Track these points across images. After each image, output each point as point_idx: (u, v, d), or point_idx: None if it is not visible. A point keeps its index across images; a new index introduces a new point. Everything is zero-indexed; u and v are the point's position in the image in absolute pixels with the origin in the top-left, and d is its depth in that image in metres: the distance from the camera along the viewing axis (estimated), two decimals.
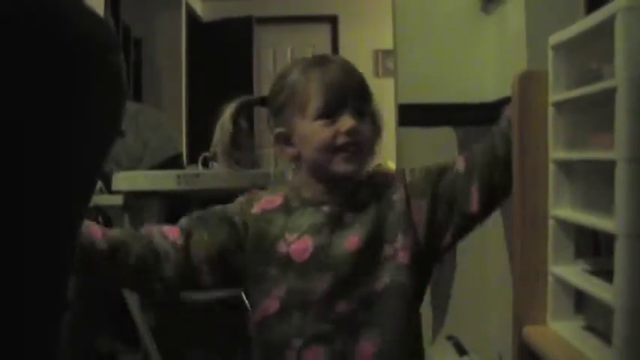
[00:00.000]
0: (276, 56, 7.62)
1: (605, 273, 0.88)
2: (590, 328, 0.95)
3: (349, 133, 1.20)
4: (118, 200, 2.57)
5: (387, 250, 1.21)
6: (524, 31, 2.05)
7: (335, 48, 7.37)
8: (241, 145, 1.30)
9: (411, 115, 2.54)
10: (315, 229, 1.23)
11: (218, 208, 1.31)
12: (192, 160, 3.71)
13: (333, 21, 7.41)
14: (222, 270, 1.26)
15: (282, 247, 1.23)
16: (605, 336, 0.88)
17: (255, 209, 1.28)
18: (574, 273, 0.96)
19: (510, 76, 1.08)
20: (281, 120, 1.26)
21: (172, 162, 3.29)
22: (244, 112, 1.32)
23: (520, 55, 2.07)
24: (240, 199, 1.32)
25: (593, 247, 1.02)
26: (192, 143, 6.25)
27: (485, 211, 1.21)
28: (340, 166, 1.22)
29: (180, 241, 1.25)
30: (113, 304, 2.71)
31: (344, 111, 1.21)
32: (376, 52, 7.03)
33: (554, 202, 1.00)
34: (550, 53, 1.02)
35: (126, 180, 2.52)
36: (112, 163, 2.94)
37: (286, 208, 1.27)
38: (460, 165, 1.22)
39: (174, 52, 6.75)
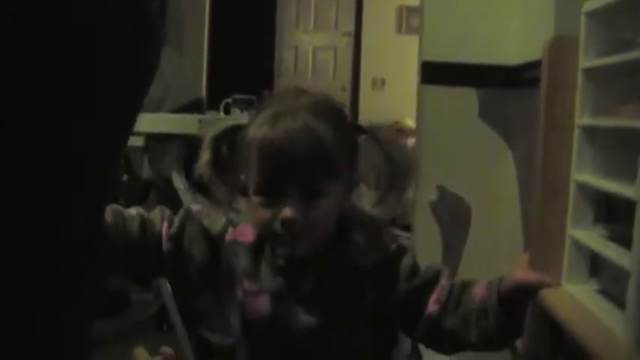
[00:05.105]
0: (299, 4, 7.57)
1: (621, 240, 0.90)
2: (603, 292, 0.97)
3: (285, 224, 1.05)
4: (138, 142, 2.61)
5: (348, 313, 1.12)
6: None
7: (359, 2, 7.31)
8: (222, 176, 1.15)
9: (434, 73, 2.53)
10: (276, 293, 1.13)
11: (204, 220, 1.20)
12: (212, 105, 3.72)
13: None
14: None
15: (239, 293, 1.16)
16: (618, 300, 0.90)
17: (229, 236, 1.18)
18: (592, 237, 0.98)
19: (536, 39, 1.08)
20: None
21: (192, 106, 3.30)
22: (227, 139, 1.16)
23: (548, 19, 2.06)
24: (222, 218, 1.19)
25: (608, 215, 1.03)
26: (212, 89, 6.25)
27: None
28: (281, 250, 1.12)
29: (163, 247, 1.20)
30: None
31: (285, 195, 1.05)
32: (400, 9, 6.96)
33: (577, 167, 1.01)
34: (583, 19, 1.02)
35: (148, 122, 2.55)
36: None
37: (255, 251, 1.16)
38: (434, 311, 1.14)
39: None
